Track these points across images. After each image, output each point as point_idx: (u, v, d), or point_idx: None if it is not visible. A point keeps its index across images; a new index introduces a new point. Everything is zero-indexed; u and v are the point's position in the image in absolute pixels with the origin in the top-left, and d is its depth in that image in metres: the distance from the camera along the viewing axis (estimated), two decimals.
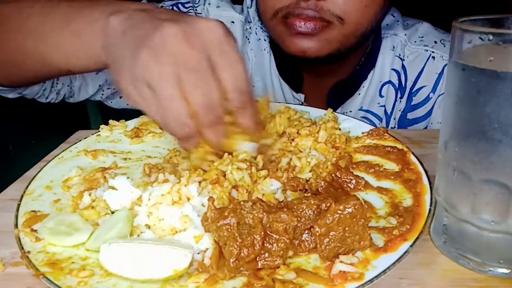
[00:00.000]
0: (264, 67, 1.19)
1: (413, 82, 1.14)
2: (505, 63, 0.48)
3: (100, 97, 1.16)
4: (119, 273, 0.51)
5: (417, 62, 1.13)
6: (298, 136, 0.75)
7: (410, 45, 1.14)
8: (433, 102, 1.13)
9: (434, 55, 1.12)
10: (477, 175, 0.51)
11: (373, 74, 1.14)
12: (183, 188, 0.59)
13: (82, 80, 1.08)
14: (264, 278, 0.51)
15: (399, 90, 1.15)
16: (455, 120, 0.52)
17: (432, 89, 1.12)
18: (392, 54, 1.14)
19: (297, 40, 0.96)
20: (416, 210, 0.60)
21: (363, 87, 1.15)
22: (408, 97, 1.15)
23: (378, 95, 1.15)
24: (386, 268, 0.51)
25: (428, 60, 1.12)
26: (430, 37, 1.15)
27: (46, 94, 1.03)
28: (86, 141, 0.82)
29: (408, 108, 1.16)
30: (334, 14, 0.93)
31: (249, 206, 0.54)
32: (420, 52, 1.13)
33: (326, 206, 0.55)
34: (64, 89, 1.07)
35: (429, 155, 0.75)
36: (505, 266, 0.52)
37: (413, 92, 1.14)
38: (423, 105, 1.14)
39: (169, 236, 0.57)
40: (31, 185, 0.68)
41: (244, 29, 1.18)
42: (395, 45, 1.14)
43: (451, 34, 0.51)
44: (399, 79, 1.15)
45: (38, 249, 0.56)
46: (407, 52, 1.14)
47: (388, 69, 1.14)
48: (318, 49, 0.97)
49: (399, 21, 1.18)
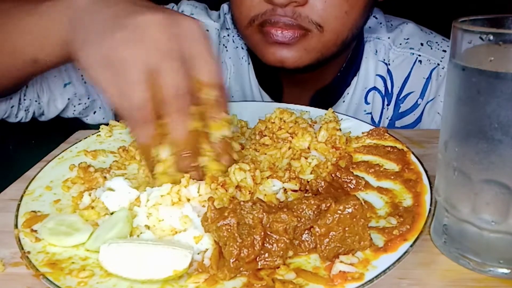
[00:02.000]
0: (242, 76, 1.15)
1: (400, 88, 1.10)
2: (506, 63, 0.48)
3: (72, 113, 1.13)
4: (119, 274, 0.51)
5: (403, 67, 1.09)
6: (295, 137, 0.75)
7: (395, 48, 1.09)
8: (421, 108, 1.09)
9: (420, 59, 1.08)
10: (477, 175, 0.51)
11: (357, 80, 1.10)
12: (183, 188, 0.59)
13: (50, 93, 1.05)
14: (264, 278, 0.51)
15: (386, 97, 1.11)
16: (455, 120, 0.52)
17: (420, 95, 1.08)
18: (376, 58, 1.10)
19: (274, 49, 0.92)
20: (416, 210, 0.60)
21: (347, 93, 1.11)
22: (395, 104, 1.11)
23: (364, 102, 1.10)
24: (386, 268, 0.51)
25: (415, 64, 1.08)
26: (415, 39, 1.10)
27: (14, 112, 0.99)
28: (86, 141, 0.82)
29: (396, 115, 1.11)
30: (312, 21, 0.89)
31: (249, 206, 0.54)
32: (406, 56, 1.09)
33: (326, 206, 0.55)
34: (32, 105, 1.03)
35: (429, 155, 0.75)
36: (505, 266, 0.52)
37: (400, 98, 1.10)
38: (412, 112, 1.10)
39: (169, 237, 0.57)
40: (31, 185, 0.68)
41: (220, 37, 1.15)
42: (378, 49, 1.10)
43: (451, 34, 0.51)
44: (385, 85, 1.10)
45: (38, 249, 0.56)
46: (392, 56, 1.10)
47: (373, 75, 1.10)
48: (297, 59, 0.92)
49: (382, 23, 1.13)
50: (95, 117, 1.17)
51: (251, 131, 0.81)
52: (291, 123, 0.78)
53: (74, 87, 1.08)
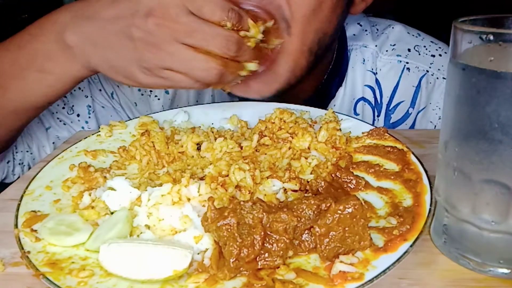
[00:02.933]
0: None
1: (389, 97, 1.06)
2: (505, 63, 0.48)
3: None
4: (119, 273, 0.51)
5: (391, 76, 1.05)
6: (295, 137, 0.75)
7: (382, 55, 1.05)
8: (413, 117, 1.06)
9: (408, 66, 1.04)
10: (477, 175, 0.51)
11: (345, 90, 1.05)
12: (183, 188, 0.59)
13: (37, 140, 1.07)
14: (264, 278, 0.51)
15: (376, 108, 1.07)
16: (455, 120, 0.52)
17: (411, 103, 1.05)
18: (364, 68, 1.05)
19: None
20: (416, 210, 0.60)
21: (333, 105, 1.05)
22: (385, 114, 1.07)
23: (354, 113, 1.06)
24: (386, 268, 0.50)
25: (403, 73, 1.05)
26: (402, 44, 1.06)
27: (11, 169, 1.01)
28: (86, 141, 0.82)
29: (387, 126, 1.07)
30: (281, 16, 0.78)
31: (249, 206, 0.54)
32: (393, 64, 1.05)
33: (326, 206, 0.55)
34: (25, 158, 1.04)
35: (429, 155, 0.75)
36: (505, 266, 0.52)
37: (391, 109, 1.07)
38: (403, 121, 1.07)
39: (169, 237, 0.57)
40: (31, 185, 0.68)
41: None
42: (366, 58, 1.05)
43: (451, 34, 0.51)
44: (374, 95, 1.06)
45: (38, 249, 0.56)
46: (379, 64, 1.05)
47: (361, 85, 1.06)
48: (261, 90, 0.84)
49: (367, 30, 1.08)
50: None
51: (251, 131, 0.81)
52: (291, 123, 0.78)
53: (56, 130, 1.09)
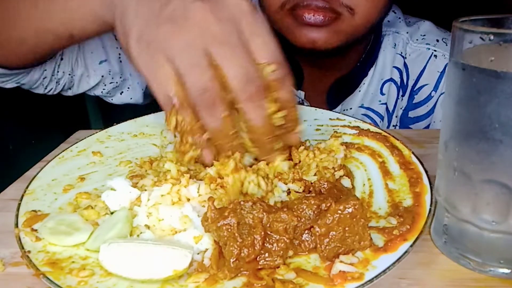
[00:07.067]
0: None
1: (415, 80, 1.15)
2: (506, 63, 0.48)
3: (101, 92, 1.13)
4: (119, 273, 0.51)
5: (419, 61, 1.14)
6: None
7: (412, 43, 1.15)
8: (434, 100, 1.14)
9: (436, 54, 1.13)
10: (477, 175, 0.51)
11: (374, 71, 1.14)
12: (182, 188, 0.59)
13: (84, 69, 1.06)
14: (264, 278, 0.51)
15: (401, 88, 1.15)
16: (456, 120, 0.52)
17: (434, 87, 1.13)
18: (394, 51, 1.14)
19: (306, 31, 0.93)
20: (416, 210, 0.60)
21: (363, 83, 1.14)
22: (409, 95, 1.16)
23: (380, 92, 1.14)
24: (386, 268, 0.50)
25: (430, 59, 1.13)
26: (431, 35, 1.15)
27: (45, 83, 1.00)
28: (86, 141, 0.82)
29: (409, 106, 1.16)
30: (344, 4, 0.90)
31: (249, 206, 0.54)
32: (422, 51, 1.14)
33: (326, 206, 0.55)
34: (64, 78, 1.04)
35: (429, 155, 0.75)
36: (506, 266, 0.52)
37: (415, 90, 1.15)
38: (425, 103, 1.14)
39: (169, 237, 0.57)
40: (31, 185, 0.68)
41: None
42: (397, 42, 1.15)
43: (451, 34, 0.51)
44: (401, 77, 1.15)
45: (39, 248, 0.56)
46: (409, 50, 1.15)
47: (390, 67, 1.14)
48: (328, 40, 0.94)
49: (400, 18, 1.18)
50: (121, 97, 1.17)
51: None
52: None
53: (110, 65, 1.09)
